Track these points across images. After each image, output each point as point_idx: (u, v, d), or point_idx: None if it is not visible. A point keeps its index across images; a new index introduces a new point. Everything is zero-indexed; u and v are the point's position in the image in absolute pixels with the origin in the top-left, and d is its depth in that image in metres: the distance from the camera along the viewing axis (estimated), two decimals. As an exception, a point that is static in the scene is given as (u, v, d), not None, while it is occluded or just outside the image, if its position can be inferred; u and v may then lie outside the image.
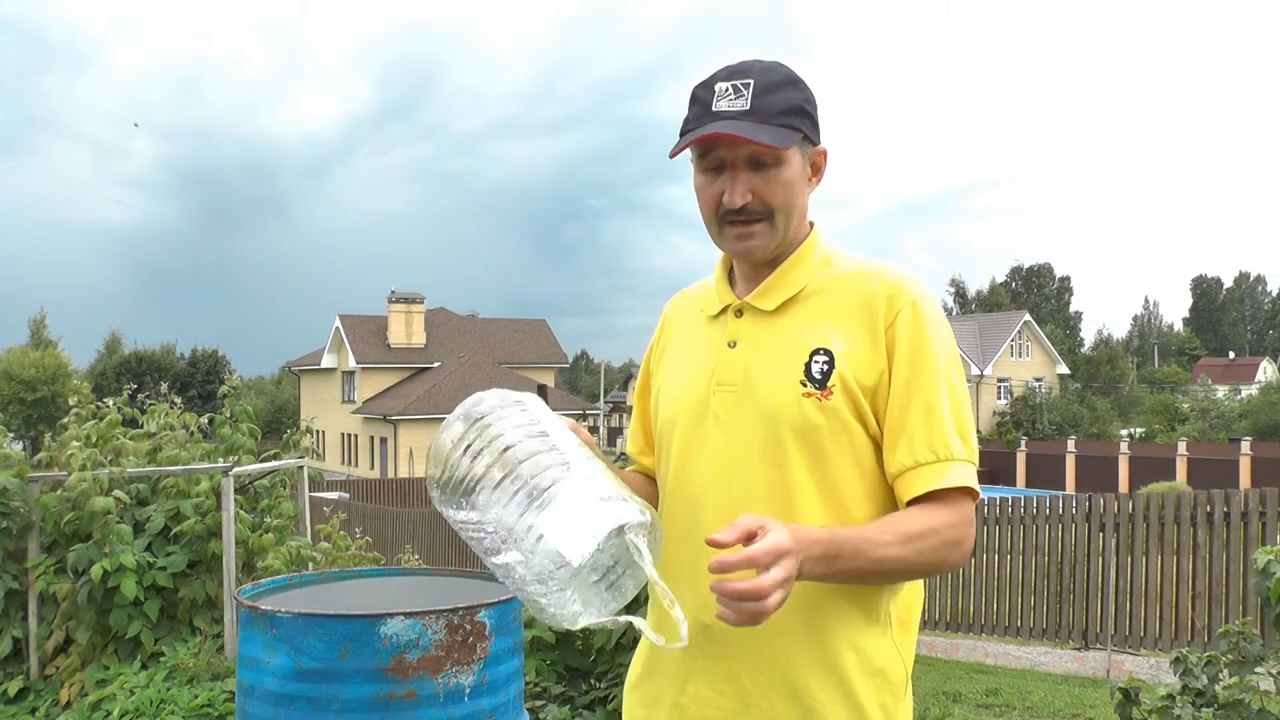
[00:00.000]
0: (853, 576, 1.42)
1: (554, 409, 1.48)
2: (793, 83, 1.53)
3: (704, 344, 1.63)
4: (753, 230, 1.52)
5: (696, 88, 1.55)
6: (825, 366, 1.49)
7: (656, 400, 1.70)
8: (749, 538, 1.26)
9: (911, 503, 1.47)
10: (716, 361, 1.58)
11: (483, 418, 1.37)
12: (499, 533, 1.29)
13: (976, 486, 1.48)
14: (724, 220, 1.53)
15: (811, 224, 1.63)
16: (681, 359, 1.67)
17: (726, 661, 1.51)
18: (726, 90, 1.50)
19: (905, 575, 1.50)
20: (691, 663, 1.54)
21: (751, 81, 1.50)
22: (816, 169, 1.59)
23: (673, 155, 1.54)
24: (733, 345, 1.58)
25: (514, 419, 1.38)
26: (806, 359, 1.50)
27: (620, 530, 1.27)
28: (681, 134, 1.54)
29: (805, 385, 1.48)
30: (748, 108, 1.47)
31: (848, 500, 1.49)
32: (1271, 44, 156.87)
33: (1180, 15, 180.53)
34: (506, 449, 1.33)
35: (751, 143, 1.46)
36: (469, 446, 1.35)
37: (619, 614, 1.33)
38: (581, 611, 1.29)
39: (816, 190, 1.62)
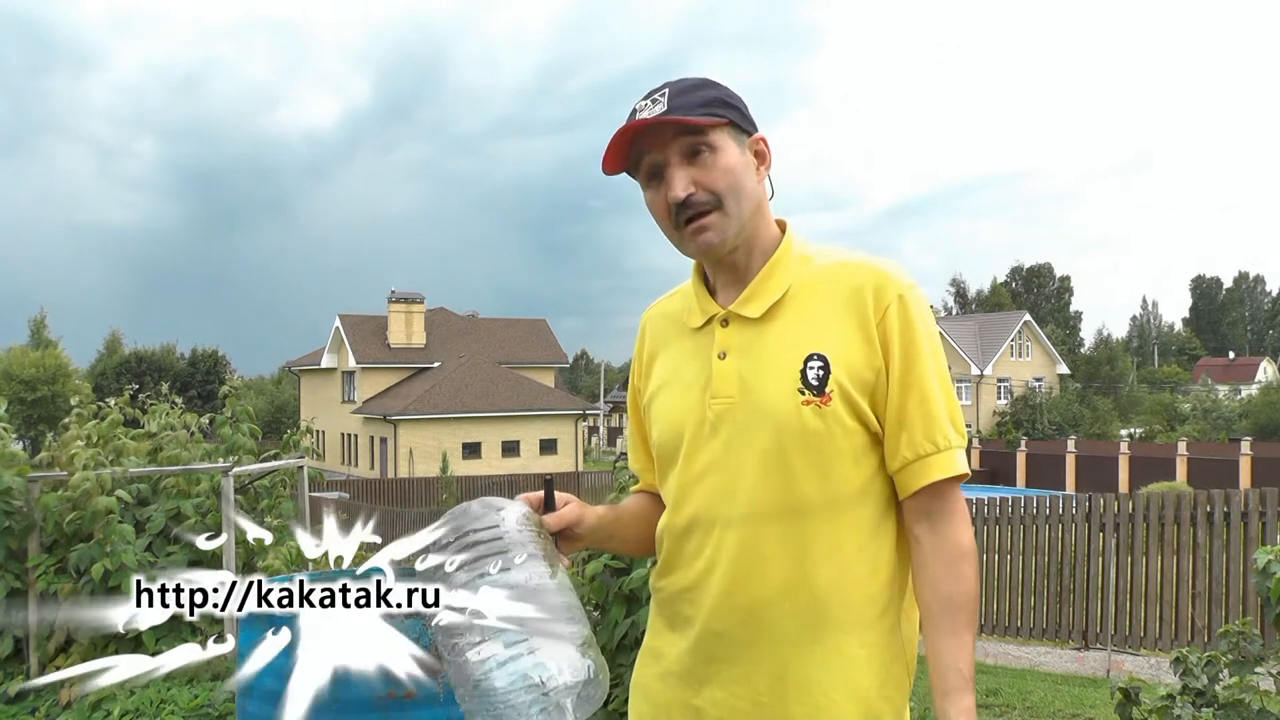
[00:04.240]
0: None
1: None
2: (709, 84, 1.55)
3: (691, 357, 1.61)
4: (705, 222, 1.51)
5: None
6: (821, 372, 1.48)
7: (649, 416, 1.68)
8: None
9: (915, 495, 1.49)
10: (708, 374, 1.56)
11: (459, 537, 1.53)
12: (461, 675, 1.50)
13: (967, 469, 1.53)
14: (677, 221, 1.53)
15: (783, 224, 1.62)
16: (670, 373, 1.65)
17: (739, 665, 1.51)
18: (644, 105, 1.52)
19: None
20: (705, 667, 1.55)
21: (666, 90, 1.51)
22: (761, 156, 1.58)
23: (604, 168, 1.54)
24: (723, 356, 1.55)
25: (482, 547, 1.50)
26: (801, 365, 1.49)
27: (544, 689, 1.40)
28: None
29: (803, 392, 1.47)
30: (665, 109, 1.49)
31: (850, 501, 1.50)
32: (1271, 44, 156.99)
33: (1181, 14, 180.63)
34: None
35: (669, 120, 1.47)
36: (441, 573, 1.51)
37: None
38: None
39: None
